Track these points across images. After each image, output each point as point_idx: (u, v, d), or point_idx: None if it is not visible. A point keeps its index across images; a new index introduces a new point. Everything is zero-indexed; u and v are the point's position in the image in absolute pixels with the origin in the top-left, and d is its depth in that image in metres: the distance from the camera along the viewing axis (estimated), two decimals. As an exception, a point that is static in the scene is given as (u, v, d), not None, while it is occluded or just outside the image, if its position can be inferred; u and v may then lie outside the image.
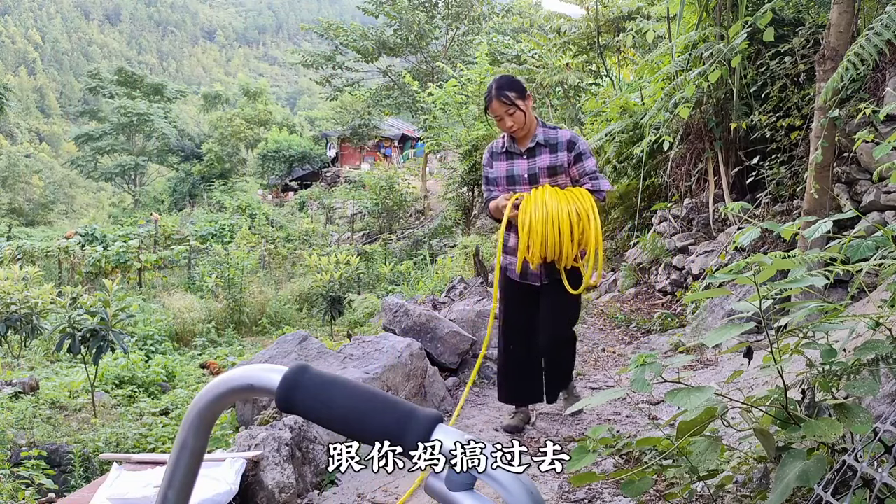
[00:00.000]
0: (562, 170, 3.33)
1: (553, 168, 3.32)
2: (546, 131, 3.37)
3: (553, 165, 3.32)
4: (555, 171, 3.32)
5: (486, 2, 22.72)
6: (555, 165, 3.32)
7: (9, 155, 44.12)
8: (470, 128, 11.61)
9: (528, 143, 3.35)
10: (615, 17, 10.67)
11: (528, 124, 3.34)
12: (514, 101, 3.27)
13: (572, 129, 3.49)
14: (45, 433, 4.92)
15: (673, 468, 2.10)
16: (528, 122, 3.33)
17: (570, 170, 3.35)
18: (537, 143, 3.34)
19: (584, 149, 3.36)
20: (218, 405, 0.69)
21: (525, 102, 3.30)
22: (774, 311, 2.05)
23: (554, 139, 3.35)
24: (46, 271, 14.37)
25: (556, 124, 3.60)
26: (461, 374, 4.55)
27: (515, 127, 3.30)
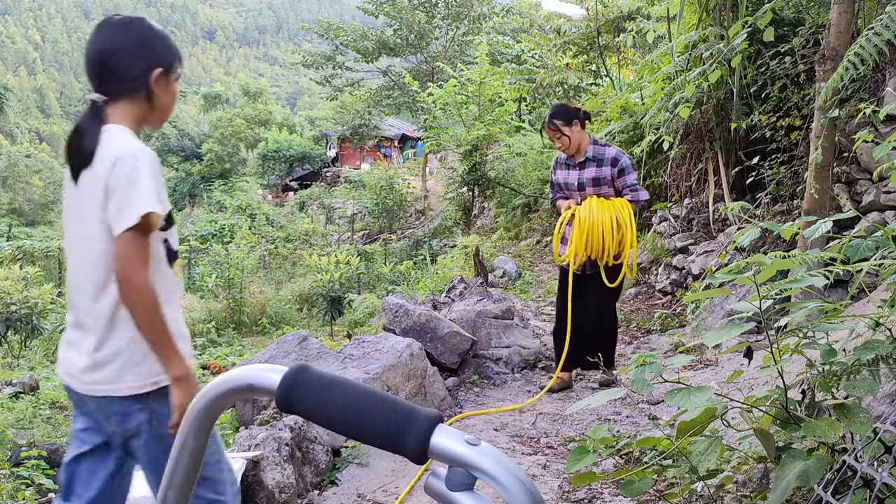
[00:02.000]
0: (605, 181, 4.04)
1: (597, 179, 4.04)
2: (595, 148, 4.07)
3: (598, 177, 4.04)
4: (599, 182, 4.05)
5: (486, 2, 22.71)
6: (599, 177, 4.04)
7: (9, 155, 44.15)
8: (470, 128, 11.61)
9: (580, 158, 4.09)
10: (615, 17, 10.67)
11: (576, 144, 4.04)
12: (559, 129, 4.02)
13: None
14: (45, 433, 4.92)
15: (673, 468, 2.10)
16: (576, 142, 4.04)
17: (615, 182, 4.05)
18: (587, 158, 4.07)
19: (626, 165, 4.04)
20: (218, 405, 0.69)
21: (571, 128, 4.01)
22: (774, 311, 2.05)
23: (601, 155, 4.05)
24: (46, 271, 14.36)
25: (604, 141, 4.30)
26: (461, 374, 4.55)
27: (563, 148, 4.07)
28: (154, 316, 1.66)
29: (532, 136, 13.18)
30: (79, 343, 1.74)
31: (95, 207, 1.66)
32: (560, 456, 3.30)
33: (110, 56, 1.70)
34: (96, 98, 1.70)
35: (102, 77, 1.71)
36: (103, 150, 1.67)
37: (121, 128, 1.72)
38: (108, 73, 1.70)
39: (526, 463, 3.16)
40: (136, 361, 1.71)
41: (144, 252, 1.66)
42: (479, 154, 11.60)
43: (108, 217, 1.65)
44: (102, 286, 1.70)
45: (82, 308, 1.74)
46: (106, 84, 1.71)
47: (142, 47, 1.72)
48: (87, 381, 1.72)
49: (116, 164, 1.64)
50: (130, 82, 1.71)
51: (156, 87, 1.74)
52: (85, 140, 1.68)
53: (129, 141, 1.71)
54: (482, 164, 11.75)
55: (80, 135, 1.70)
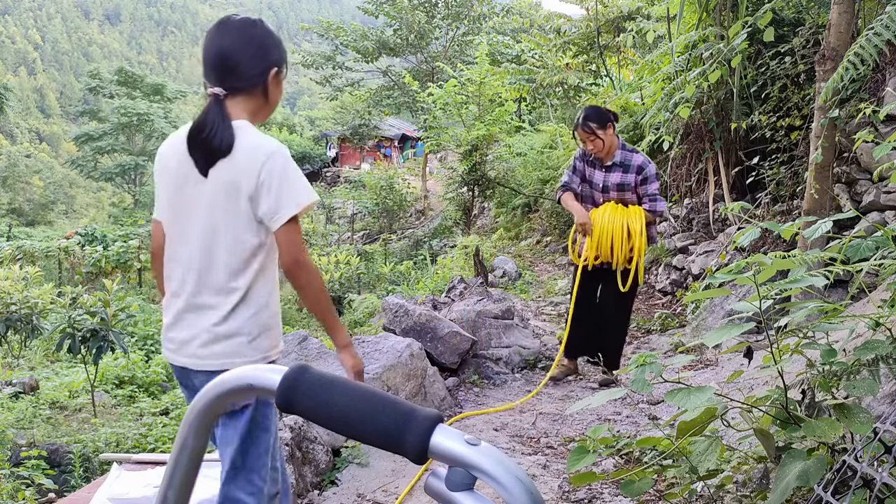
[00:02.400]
0: (629, 188, 4.11)
1: (621, 185, 4.11)
2: (624, 154, 4.12)
3: (622, 183, 4.11)
4: (623, 187, 4.11)
5: (486, 2, 22.69)
6: (623, 183, 4.10)
7: (9, 155, 44.14)
8: (470, 128, 11.60)
9: (608, 161, 4.13)
10: (615, 17, 10.67)
11: (608, 147, 4.09)
12: (594, 131, 4.05)
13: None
14: (45, 433, 4.92)
15: (673, 468, 2.10)
16: (608, 145, 4.08)
17: (637, 189, 4.11)
18: (614, 162, 4.11)
19: (650, 174, 4.09)
20: (218, 405, 0.69)
21: (605, 132, 4.04)
22: (774, 311, 2.05)
23: (628, 162, 4.10)
24: (46, 271, 14.37)
25: (632, 147, 4.24)
26: (461, 374, 4.55)
27: (595, 150, 4.11)
28: (322, 291, 1.89)
29: (532, 136, 13.17)
30: (195, 322, 1.86)
31: (241, 200, 1.79)
32: (560, 456, 3.30)
33: (233, 55, 1.82)
34: (218, 92, 1.80)
35: (224, 74, 1.82)
36: (241, 143, 1.78)
37: (247, 122, 1.84)
38: (230, 71, 1.82)
39: (526, 463, 3.16)
40: (253, 337, 1.86)
41: (301, 235, 1.84)
42: (479, 154, 11.59)
43: (264, 211, 1.79)
44: (239, 269, 1.84)
45: (207, 289, 1.85)
46: (227, 80, 1.81)
47: (261, 48, 1.86)
48: (206, 356, 1.85)
49: (268, 160, 1.77)
50: (250, 80, 1.84)
51: (271, 84, 1.88)
52: (220, 133, 1.77)
53: (267, 138, 1.85)
54: (482, 164, 11.74)
55: (211, 129, 1.78)
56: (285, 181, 1.78)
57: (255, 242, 1.83)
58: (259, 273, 1.86)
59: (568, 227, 10.71)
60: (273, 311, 1.92)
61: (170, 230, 1.92)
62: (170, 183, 1.89)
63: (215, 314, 1.84)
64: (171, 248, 1.92)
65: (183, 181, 1.85)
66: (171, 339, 1.91)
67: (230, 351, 1.85)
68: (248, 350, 1.86)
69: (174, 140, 1.93)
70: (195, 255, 1.86)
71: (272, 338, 1.91)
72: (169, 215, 1.91)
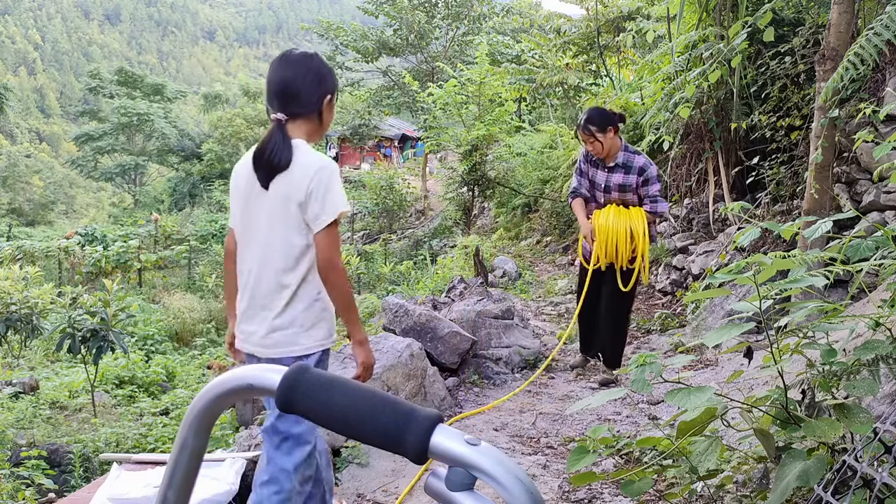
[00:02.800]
0: (630, 188, 4.19)
1: (623, 186, 4.19)
2: (626, 155, 4.18)
3: (623, 184, 4.18)
4: (624, 188, 4.19)
5: (486, 2, 22.68)
6: (625, 184, 4.18)
7: (9, 155, 44.11)
8: (470, 128, 11.60)
9: (610, 162, 4.20)
10: (615, 17, 10.67)
11: (609, 149, 4.16)
12: (594, 134, 4.11)
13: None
14: (45, 433, 4.92)
15: (673, 468, 2.10)
16: (609, 147, 4.15)
17: (639, 190, 4.19)
18: (616, 163, 4.18)
19: (651, 175, 4.16)
20: (218, 405, 0.69)
21: (604, 135, 4.11)
22: (774, 311, 2.05)
23: (630, 163, 4.17)
24: (46, 271, 14.35)
25: (635, 148, 4.30)
26: (461, 374, 4.55)
27: (595, 152, 4.18)
28: (347, 291, 2.18)
29: (532, 136, 13.17)
30: (257, 316, 2.16)
31: (291, 207, 2.08)
32: (560, 456, 3.30)
33: (293, 85, 2.11)
34: (280, 117, 2.10)
35: (286, 101, 2.11)
36: (298, 160, 2.08)
37: (304, 142, 2.13)
38: (291, 99, 2.11)
39: (526, 463, 3.16)
40: (307, 328, 2.15)
41: (338, 240, 2.13)
42: (479, 154, 11.59)
43: (309, 215, 2.08)
44: (291, 267, 2.12)
45: (265, 285, 2.14)
46: (288, 107, 2.11)
47: (317, 78, 2.15)
48: (269, 345, 2.14)
49: (317, 173, 2.06)
50: (308, 106, 2.14)
51: (325, 109, 2.19)
52: (281, 152, 2.07)
53: (319, 154, 2.14)
54: (482, 164, 11.73)
55: (273, 147, 2.08)
56: (329, 191, 2.06)
57: (304, 244, 2.12)
58: (308, 272, 2.14)
59: (568, 227, 10.71)
60: (323, 305, 2.19)
61: (240, 238, 2.24)
62: (239, 197, 2.21)
63: (273, 308, 2.13)
64: (241, 253, 2.23)
65: (249, 194, 2.16)
66: (242, 331, 2.22)
67: (288, 340, 2.13)
68: (303, 339, 2.15)
69: (244, 160, 2.23)
70: (256, 257, 2.16)
71: (325, 328, 2.19)
72: (240, 225, 2.23)
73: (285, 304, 2.12)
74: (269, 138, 2.10)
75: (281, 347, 2.13)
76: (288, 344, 2.14)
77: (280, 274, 2.12)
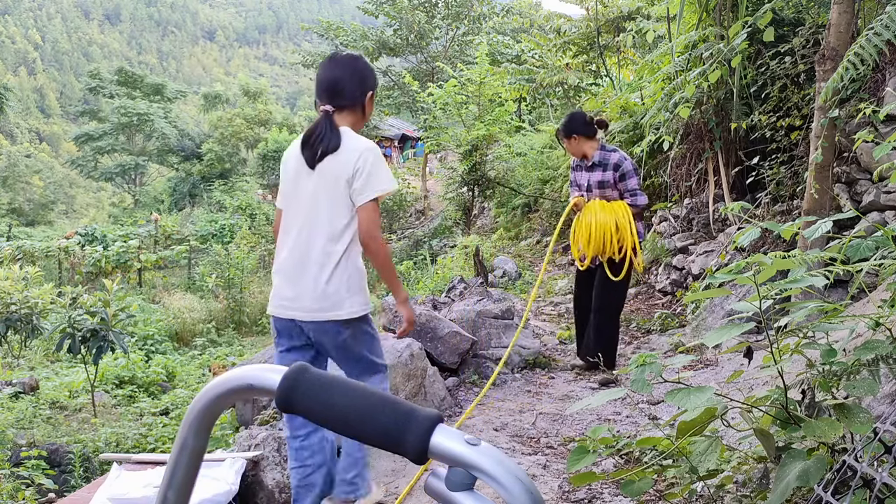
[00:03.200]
0: (608, 184, 4.40)
1: (602, 182, 4.42)
2: (602, 154, 4.43)
3: (602, 180, 4.41)
4: (603, 184, 4.42)
5: (486, 2, 22.66)
6: (603, 181, 4.41)
7: (9, 155, 44.11)
8: (470, 128, 11.60)
9: (589, 161, 4.47)
10: (615, 17, 10.67)
11: (579, 152, 4.47)
12: (559, 139, 4.57)
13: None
14: (45, 433, 4.93)
15: (673, 468, 2.10)
16: (577, 151, 4.47)
17: (618, 185, 4.38)
18: (594, 162, 4.44)
19: (628, 170, 4.36)
20: (218, 405, 0.69)
21: (569, 141, 4.45)
22: (774, 311, 2.05)
23: (606, 160, 4.41)
24: (46, 271, 14.36)
25: (613, 146, 4.54)
26: (461, 374, 4.55)
27: (571, 152, 4.54)
28: (387, 259, 2.48)
29: (532, 136, 13.17)
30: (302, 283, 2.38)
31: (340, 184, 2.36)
32: (560, 456, 3.30)
33: (340, 82, 2.43)
34: (329, 108, 2.40)
35: (333, 95, 2.42)
36: (346, 143, 2.38)
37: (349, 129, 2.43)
38: (338, 94, 2.42)
39: (526, 463, 3.16)
40: (351, 294, 2.40)
41: (378, 215, 2.42)
42: (479, 154, 11.58)
43: (354, 191, 2.36)
44: (337, 239, 2.39)
45: (314, 256, 2.38)
46: (335, 100, 2.41)
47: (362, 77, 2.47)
48: (314, 309, 2.37)
49: (363, 154, 2.36)
50: (353, 101, 2.45)
51: (367, 103, 2.50)
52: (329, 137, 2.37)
53: (363, 139, 2.44)
54: (482, 164, 11.73)
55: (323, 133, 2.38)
56: (374, 171, 2.36)
57: (348, 218, 2.40)
58: (351, 244, 2.42)
59: (568, 227, 10.70)
60: (361, 274, 2.46)
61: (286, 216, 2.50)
62: (289, 179, 2.50)
63: (321, 275, 2.36)
64: (284, 226, 2.48)
65: (297, 175, 2.45)
66: (283, 297, 2.43)
67: (332, 304, 2.37)
68: (346, 304, 2.39)
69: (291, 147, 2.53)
70: (304, 231, 2.41)
71: (363, 296, 2.46)
72: (285, 202, 2.50)
73: (331, 273, 2.36)
74: (316, 126, 2.40)
75: (326, 312, 2.36)
76: (332, 309, 2.37)
77: (328, 244, 2.37)
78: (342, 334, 2.41)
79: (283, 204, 2.53)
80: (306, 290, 2.37)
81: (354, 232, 2.40)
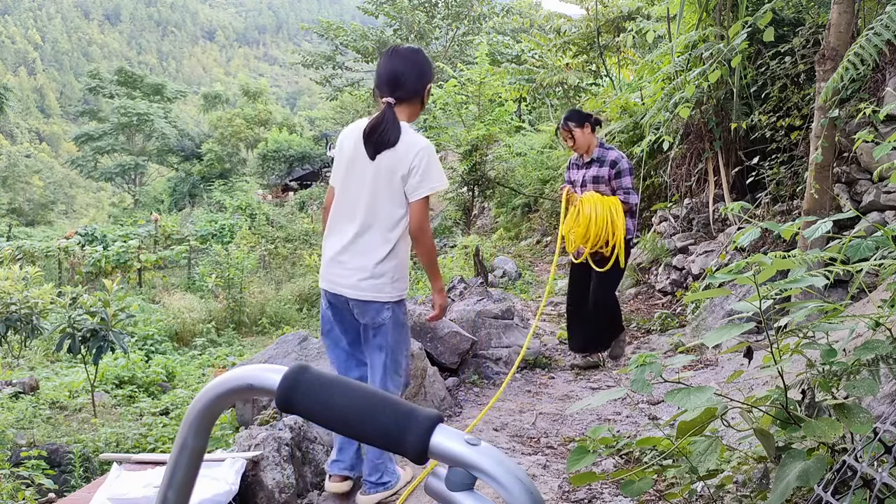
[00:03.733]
0: (603, 181, 4.49)
1: (597, 178, 4.51)
2: (600, 151, 4.54)
3: (597, 176, 4.50)
4: (598, 180, 4.51)
5: (486, 2, 22.69)
6: (598, 176, 4.50)
7: (9, 155, 44.12)
8: (470, 128, 11.60)
9: (587, 158, 4.58)
10: (615, 17, 10.67)
11: (585, 145, 4.54)
12: (571, 129, 4.52)
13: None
14: (45, 433, 4.92)
15: (673, 468, 2.10)
16: (584, 143, 4.53)
17: (612, 182, 4.48)
18: (592, 159, 4.55)
19: (623, 168, 4.46)
20: (218, 405, 0.69)
21: (582, 130, 4.50)
22: (774, 311, 2.05)
23: (604, 157, 4.51)
24: (46, 271, 14.35)
25: (610, 145, 4.69)
26: (461, 374, 4.55)
27: (575, 147, 4.59)
28: (433, 251, 2.68)
29: (532, 136, 13.17)
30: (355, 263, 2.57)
31: (396, 178, 2.53)
32: (560, 456, 3.30)
33: (402, 75, 2.54)
34: (391, 100, 2.52)
35: (395, 87, 2.53)
36: (405, 139, 2.51)
37: (407, 124, 2.56)
38: (400, 86, 2.54)
39: (526, 463, 3.16)
40: (394, 280, 2.60)
41: (428, 210, 2.59)
42: (479, 154, 11.58)
43: (408, 187, 2.53)
44: (391, 228, 2.57)
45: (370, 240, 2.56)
46: (396, 92, 2.53)
47: (422, 70, 2.60)
48: (364, 288, 2.57)
49: (420, 152, 2.51)
50: (412, 92, 2.57)
51: (426, 95, 2.64)
52: (391, 131, 2.50)
53: (420, 137, 2.57)
54: (482, 164, 11.73)
55: (385, 126, 2.51)
56: (428, 169, 2.52)
57: (403, 212, 2.57)
58: (402, 234, 2.59)
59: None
60: (406, 264, 2.67)
61: (339, 194, 2.65)
62: (344, 161, 2.64)
63: (373, 258, 2.55)
64: (338, 207, 2.65)
65: (353, 160, 2.59)
66: (334, 273, 2.62)
67: (379, 287, 2.56)
68: (390, 289, 2.58)
69: (350, 129, 2.66)
70: (360, 214, 2.57)
71: (405, 282, 2.66)
72: (340, 186, 2.66)
73: (383, 258, 2.55)
74: (381, 118, 2.51)
75: (373, 293, 2.56)
76: (379, 291, 2.57)
77: (384, 232, 2.56)
78: (382, 314, 2.61)
79: (336, 185, 2.68)
80: (359, 271, 2.56)
81: (405, 225, 2.58)
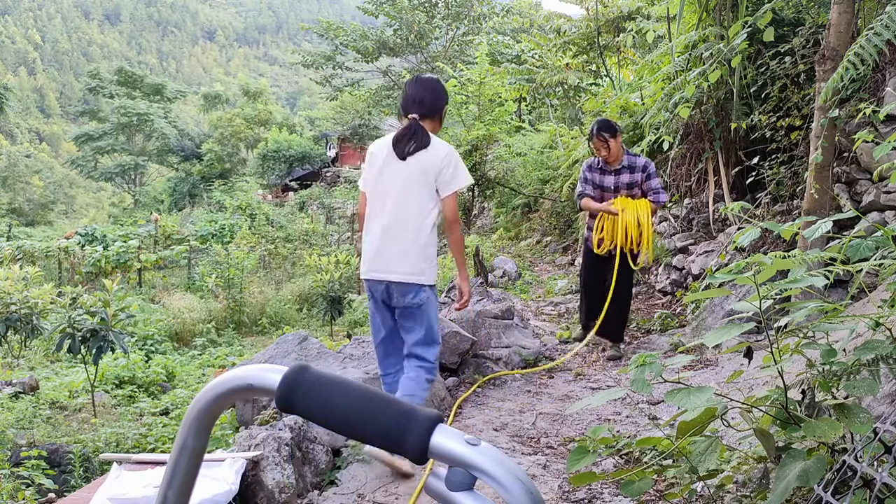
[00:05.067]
0: (635, 185, 4.92)
1: (630, 184, 4.92)
2: (629, 158, 4.94)
3: (630, 182, 4.92)
4: (631, 186, 4.92)
5: (486, 2, 22.69)
6: (632, 182, 4.92)
7: (9, 155, 44.12)
8: (470, 128, 11.60)
9: (616, 165, 4.93)
10: (615, 17, 10.66)
11: (616, 153, 4.91)
12: (607, 140, 4.86)
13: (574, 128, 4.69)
14: (45, 433, 4.92)
15: (673, 468, 2.10)
16: (617, 151, 4.90)
17: (642, 185, 4.91)
18: (622, 165, 4.92)
19: (652, 171, 4.90)
20: (218, 405, 0.69)
21: (615, 140, 4.87)
22: (774, 311, 2.05)
23: (634, 164, 4.91)
24: (46, 271, 14.34)
25: (635, 153, 5.09)
26: (461, 374, 4.55)
27: (607, 156, 4.91)
28: (462, 240, 3.16)
29: (532, 136, 13.16)
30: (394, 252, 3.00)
31: (429, 176, 3.00)
32: (560, 456, 3.30)
33: (424, 97, 3.10)
34: (416, 117, 3.06)
35: (419, 107, 3.08)
36: (434, 143, 3.04)
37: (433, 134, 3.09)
38: (423, 106, 3.08)
39: (526, 463, 3.16)
40: (430, 267, 3.05)
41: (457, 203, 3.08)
42: (479, 154, 11.58)
43: (441, 183, 3.01)
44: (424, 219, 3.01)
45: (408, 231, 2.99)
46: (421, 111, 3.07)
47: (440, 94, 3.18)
48: (406, 273, 2.99)
49: (448, 154, 3.04)
50: (434, 112, 3.15)
51: (443, 114, 3.23)
52: (422, 137, 3.02)
53: (446, 143, 3.11)
54: (482, 164, 11.73)
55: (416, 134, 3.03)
56: (457, 168, 3.04)
57: (432, 204, 3.02)
58: (433, 226, 3.04)
59: (568, 227, 10.71)
60: (435, 253, 3.08)
61: (371, 198, 3.11)
62: (376, 168, 3.09)
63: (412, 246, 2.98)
64: (373, 208, 3.09)
65: (385, 165, 3.06)
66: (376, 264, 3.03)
67: (416, 272, 2.99)
68: (428, 273, 3.02)
69: (379, 142, 3.18)
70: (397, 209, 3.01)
71: (434, 270, 3.07)
72: (372, 189, 3.11)
73: (419, 246, 2.98)
74: (409, 127, 3.03)
75: (411, 276, 2.97)
76: (419, 274, 2.99)
77: (420, 223, 2.99)
78: (420, 295, 3.01)
79: (368, 188, 3.13)
80: (399, 257, 2.98)
81: (436, 218, 3.02)
